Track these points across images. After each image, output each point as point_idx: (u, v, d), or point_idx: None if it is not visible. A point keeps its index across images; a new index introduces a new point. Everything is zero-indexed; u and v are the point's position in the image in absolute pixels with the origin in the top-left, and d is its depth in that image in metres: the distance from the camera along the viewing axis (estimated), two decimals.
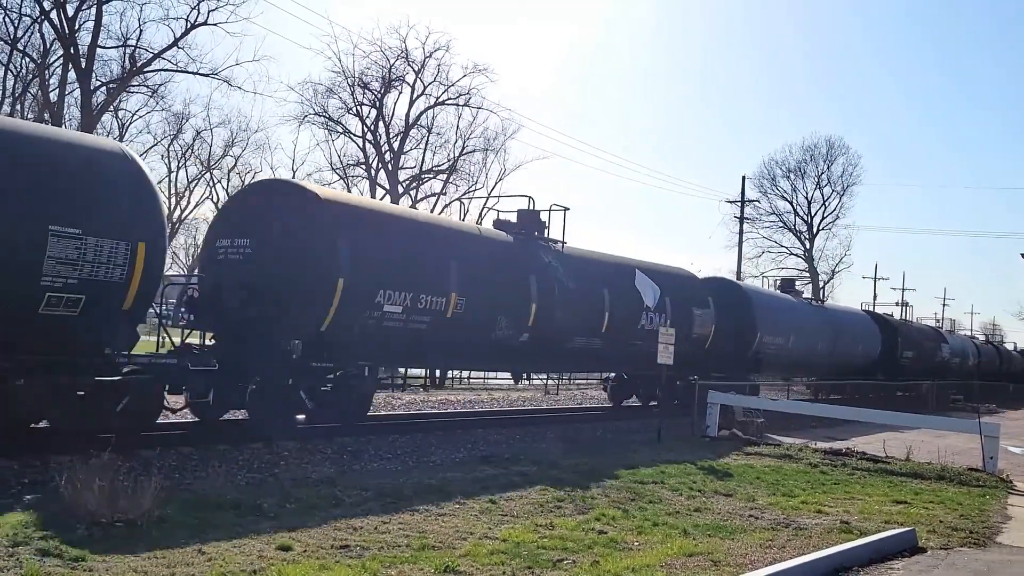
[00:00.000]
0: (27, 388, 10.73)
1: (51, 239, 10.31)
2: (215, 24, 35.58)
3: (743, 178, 53.45)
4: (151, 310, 12.67)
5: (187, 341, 14.30)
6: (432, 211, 44.01)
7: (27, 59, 37.86)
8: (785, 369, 29.69)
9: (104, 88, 35.49)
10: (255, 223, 14.23)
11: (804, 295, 34.82)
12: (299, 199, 14.39)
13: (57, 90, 36.14)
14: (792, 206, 67.12)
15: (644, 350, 19.68)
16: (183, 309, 14.20)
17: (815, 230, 66.79)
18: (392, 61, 43.82)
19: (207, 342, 14.59)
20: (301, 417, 14.77)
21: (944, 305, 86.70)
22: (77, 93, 33.03)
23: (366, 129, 44.87)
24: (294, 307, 13.66)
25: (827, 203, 67.03)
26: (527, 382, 32.08)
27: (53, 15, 32.54)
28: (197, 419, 14.29)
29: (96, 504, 7.54)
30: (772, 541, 8.86)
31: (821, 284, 64.47)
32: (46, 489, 9.12)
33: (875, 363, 35.87)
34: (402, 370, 27.87)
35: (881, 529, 9.62)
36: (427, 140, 46.44)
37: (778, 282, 36.25)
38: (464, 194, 47.70)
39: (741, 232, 52.81)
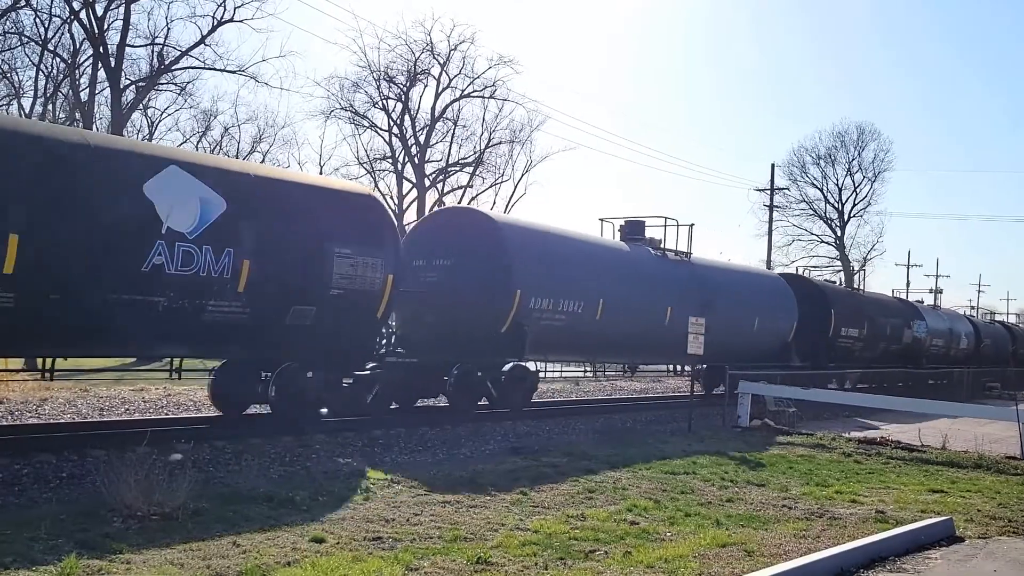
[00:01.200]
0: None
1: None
2: (241, 21, 35.88)
3: (772, 166, 52.98)
4: None
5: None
6: (460, 202, 44.05)
7: (58, 59, 38.36)
8: (557, 351, 20.65)
9: (133, 87, 35.88)
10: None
11: (668, 250, 22.56)
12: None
13: (87, 89, 36.56)
14: (822, 193, 66.46)
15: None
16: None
17: (846, 217, 66.09)
18: (417, 54, 43.98)
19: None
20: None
21: (979, 292, 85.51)
22: (107, 92, 33.37)
23: (392, 123, 45.07)
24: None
25: (858, 190, 66.28)
26: (560, 373, 32.09)
27: (83, 15, 32.95)
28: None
29: (132, 497, 7.63)
30: (806, 531, 8.79)
31: (853, 271, 63.75)
32: (83, 483, 9.26)
33: (786, 346, 25.97)
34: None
35: (918, 518, 9.50)
36: (453, 133, 46.59)
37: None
38: (491, 186, 47.73)
39: (771, 220, 52.45)
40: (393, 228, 14.85)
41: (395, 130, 45.11)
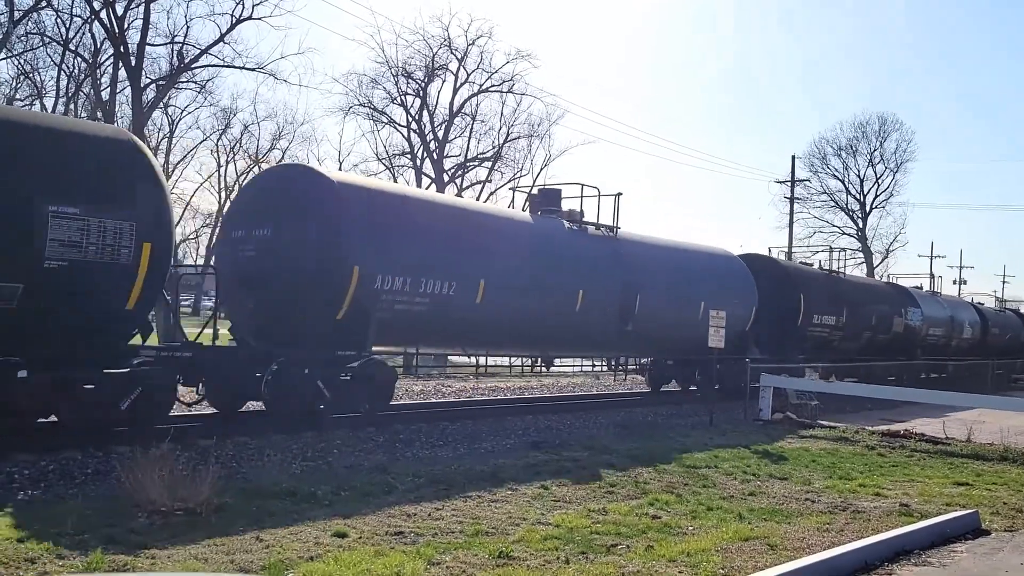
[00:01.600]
0: None
1: None
2: (259, 18, 35.92)
3: (792, 158, 52.61)
4: None
5: None
6: (478, 199, 44.05)
7: (79, 59, 38.64)
8: (420, 341, 17.63)
9: (154, 85, 36.07)
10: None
11: (588, 223, 19.42)
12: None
13: (108, 89, 36.82)
14: (844, 184, 65.89)
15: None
16: None
17: (868, 208, 65.51)
18: (435, 50, 43.93)
19: None
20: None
21: (1004, 282, 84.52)
22: (128, 91, 33.62)
23: (410, 118, 45.08)
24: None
25: (880, 181, 65.66)
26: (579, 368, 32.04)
27: (103, 15, 33.12)
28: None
29: (157, 493, 7.70)
30: (830, 525, 8.73)
31: (876, 263, 63.28)
32: (108, 479, 9.34)
33: (742, 336, 22.42)
34: (452, 358, 27.97)
35: (943, 511, 9.42)
36: (471, 128, 46.55)
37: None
38: (509, 181, 47.67)
39: (791, 212, 52.07)
40: (154, 180, 11.43)
41: (413, 126, 45.15)
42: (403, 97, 44.83)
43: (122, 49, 33.00)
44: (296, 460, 11.26)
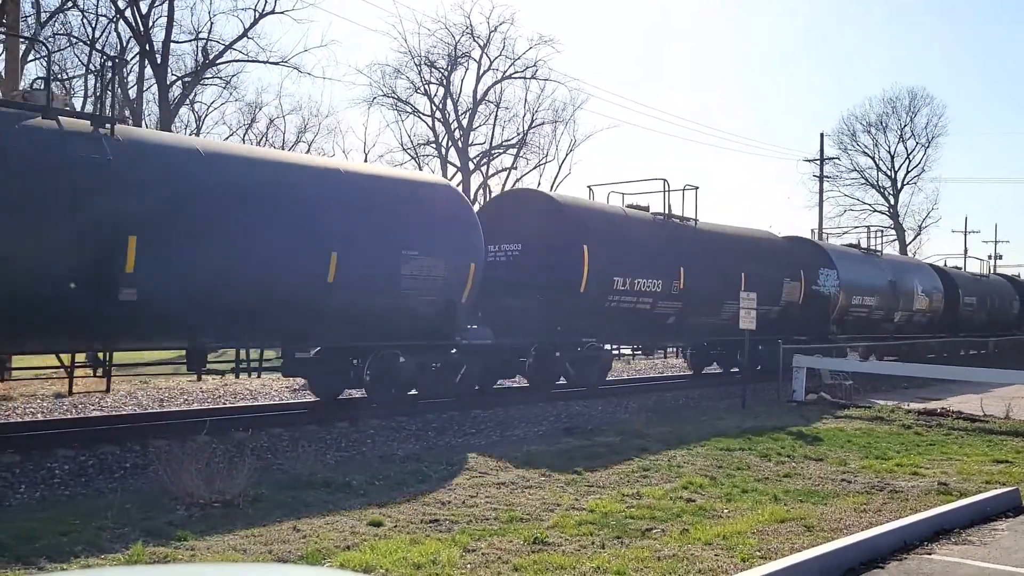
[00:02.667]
0: None
1: None
2: (282, 12, 36.22)
3: (821, 135, 52.02)
4: None
5: None
6: (503, 186, 44.02)
7: (105, 58, 39.00)
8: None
9: (180, 82, 36.38)
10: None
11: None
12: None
13: (135, 87, 37.17)
14: (874, 161, 64.99)
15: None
16: None
17: (899, 185, 64.60)
18: (457, 38, 43.95)
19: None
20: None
21: None
22: (155, 89, 33.95)
23: (434, 108, 45.15)
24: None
25: (911, 156, 64.68)
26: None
27: (128, 13, 33.45)
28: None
29: (194, 486, 7.79)
30: (867, 505, 8.66)
31: (908, 240, 62.48)
32: (146, 473, 9.48)
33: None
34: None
35: (982, 489, 9.31)
36: (496, 115, 46.54)
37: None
38: (535, 167, 47.57)
39: (821, 191, 51.51)
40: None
41: (438, 115, 45.21)
42: (426, 86, 44.92)
43: (147, 47, 33.32)
44: (330, 450, 11.35)
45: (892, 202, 64.58)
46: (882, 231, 36.81)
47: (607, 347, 19.59)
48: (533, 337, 16.85)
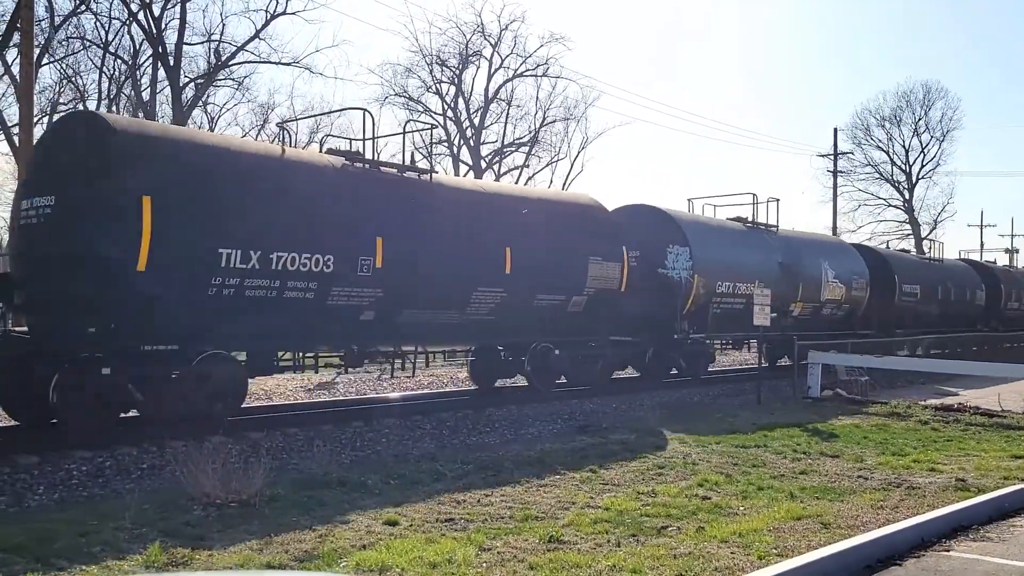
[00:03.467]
0: None
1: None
2: (293, 13, 36.30)
3: (835, 130, 51.74)
4: None
5: None
6: (516, 183, 44.00)
7: (119, 61, 39.24)
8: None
9: (192, 84, 36.53)
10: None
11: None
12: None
13: (149, 89, 37.35)
14: (888, 156, 64.55)
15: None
16: None
17: (914, 179, 64.15)
18: (468, 36, 43.97)
19: None
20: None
21: None
22: (168, 91, 34.11)
23: (446, 106, 45.19)
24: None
25: (926, 150, 64.17)
26: None
27: (141, 16, 33.62)
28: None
29: (211, 486, 7.83)
30: (884, 501, 8.61)
31: (924, 235, 62.08)
32: (163, 474, 9.53)
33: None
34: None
35: (1000, 485, 9.24)
36: (507, 113, 46.52)
37: None
38: (547, 165, 47.54)
39: (835, 186, 51.26)
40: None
41: (449, 113, 45.24)
42: (438, 85, 44.97)
43: (160, 49, 33.50)
44: (345, 450, 11.38)
45: (907, 196, 64.17)
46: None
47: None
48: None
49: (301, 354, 13.43)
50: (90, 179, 10.56)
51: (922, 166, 64.29)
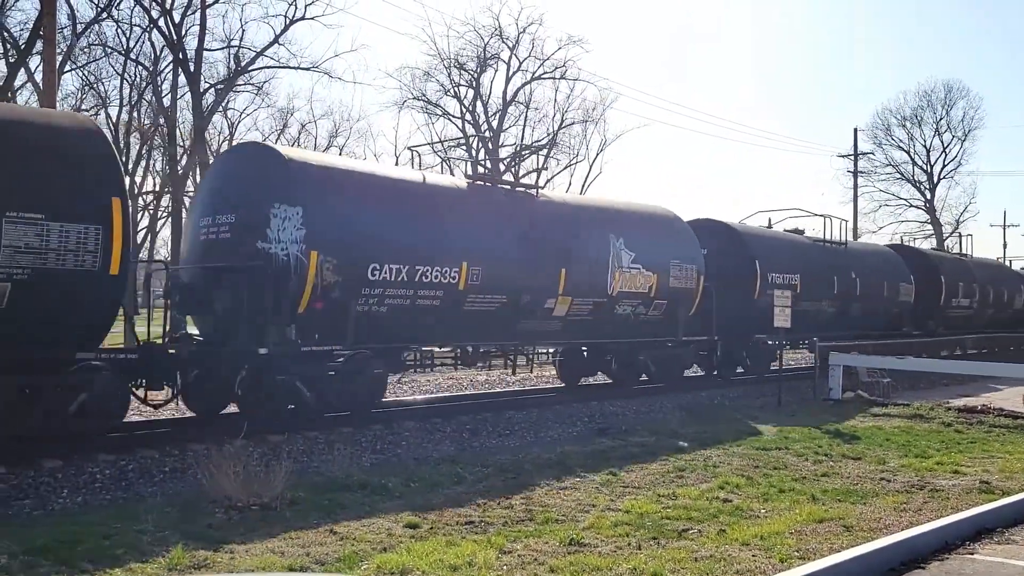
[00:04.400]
0: None
1: None
2: (312, 18, 36.49)
3: (855, 130, 51.33)
4: None
5: None
6: (536, 184, 44.00)
7: (140, 67, 39.60)
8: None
9: (212, 89, 36.77)
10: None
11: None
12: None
13: (169, 95, 37.64)
14: (909, 156, 63.98)
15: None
16: None
17: (936, 179, 63.56)
18: (486, 40, 43.99)
19: None
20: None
21: None
22: (188, 96, 34.32)
23: (464, 109, 45.25)
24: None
25: (947, 150, 63.56)
26: None
27: (161, 23, 33.88)
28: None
29: (232, 489, 7.87)
30: (907, 504, 8.54)
31: (946, 235, 61.50)
32: (185, 477, 9.59)
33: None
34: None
35: None
36: (525, 116, 46.51)
37: None
38: (565, 167, 47.51)
39: (856, 187, 50.82)
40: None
41: (468, 116, 45.31)
42: (456, 88, 45.04)
43: (181, 56, 33.74)
44: (366, 453, 11.41)
45: (928, 197, 63.61)
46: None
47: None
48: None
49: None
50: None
51: (944, 166, 63.71)
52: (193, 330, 13.67)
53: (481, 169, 44.32)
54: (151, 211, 46.54)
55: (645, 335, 17.80)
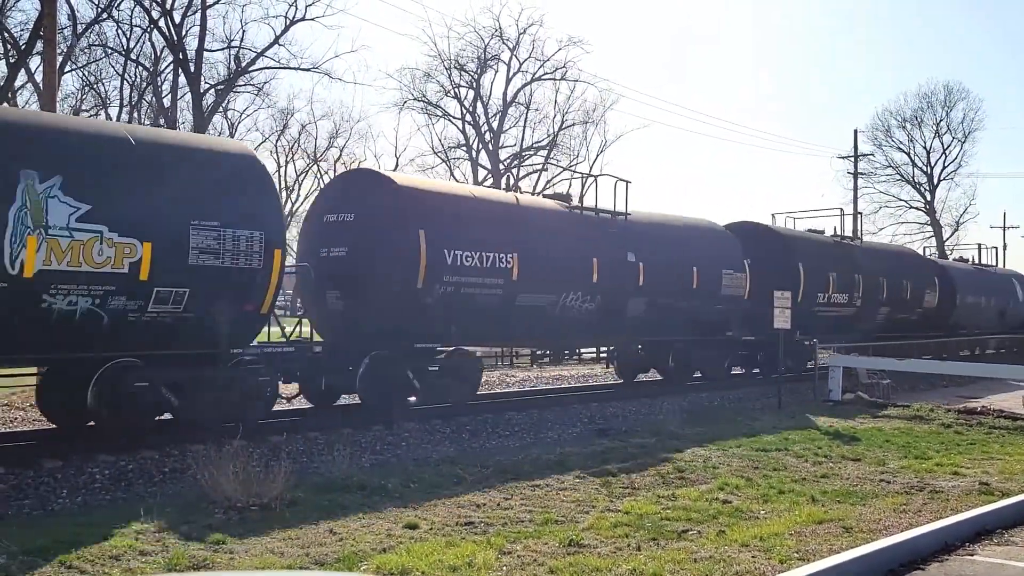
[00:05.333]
0: None
1: None
2: (312, 19, 36.53)
3: (855, 131, 51.31)
4: None
5: None
6: (535, 187, 44.02)
7: (140, 68, 39.59)
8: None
9: (213, 90, 36.77)
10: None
11: None
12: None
13: (169, 95, 37.64)
14: (909, 157, 63.93)
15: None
16: None
17: (936, 181, 63.53)
18: (487, 40, 43.98)
19: None
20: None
21: None
22: (188, 97, 34.33)
23: (465, 111, 45.23)
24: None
25: (947, 151, 63.49)
26: None
27: (161, 23, 33.89)
28: None
29: (232, 490, 7.87)
30: (906, 505, 8.54)
31: (946, 237, 61.50)
32: (184, 477, 9.59)
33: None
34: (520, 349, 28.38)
35: None
36: (526, 117, 46.47)
37: None
38: (565, 169, 47.50)
39: (855, 188, 50.78)
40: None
41: (468, 117, 45.28)
42: (456, 89, 45.01)
43: (181, 56, 33.76)
44: (365, 454, 11.41)
45: (928, 198, 63.60)
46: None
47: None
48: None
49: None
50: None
51: (943, 167, 63.66)
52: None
53: (483, 172, 44.42)
54: None
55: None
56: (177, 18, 33.90)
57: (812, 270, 21.46)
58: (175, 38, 33.61)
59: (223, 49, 37.76)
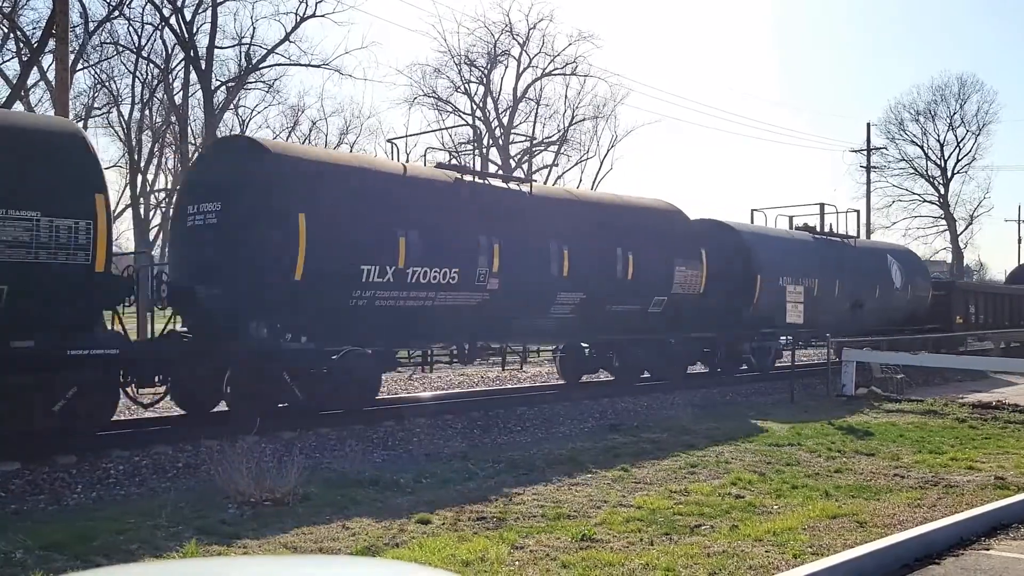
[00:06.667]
0: None
1: None
2: (323, 16, 36.59)
3: (868, 125, 51.07)
4: None
5: None
6: (545, 182, 43.97)
7: (151, 65, 39.73)
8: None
9: (224, 87, 36.88)
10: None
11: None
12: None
13: (181, 93, 37.77)
14: (923, 150, 63.68)
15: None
16: None
17: (949, 174, 63.23)
18: (497, 36, 44.00)
19: None
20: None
21: None
22: (199, 94, 34.42)
23: (475, 106, 45.26)
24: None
25: (961, 145, 63.23)
26: None
27: (173, 21, 34.01)
28: None
29: (245, 485, 7.90)
30: (921, 500, 8.50)
31: (960, 230, 61.13)
32: (198, 472, 9.63)
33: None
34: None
35: None
36: (536, 112, 46.52)
37: None
38: (576, 164, 47.45)
39: (868, 182, 50.56)
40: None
41: (478, 113, 45.31)
42: (467, 85, 45.05)
43: (192, 53, 33.86)
44: (377, 449, 11.43)
45: (942, 192, 63.28)
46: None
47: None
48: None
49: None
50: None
51: (957, 160, 63.37)
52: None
53: (493, 167, 44.36)
54: (163, 208, 46.71)
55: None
56: (188, 15, 34.04)
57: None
58: (186, 35, 33.72)
59: (234, 46, 37.92)
